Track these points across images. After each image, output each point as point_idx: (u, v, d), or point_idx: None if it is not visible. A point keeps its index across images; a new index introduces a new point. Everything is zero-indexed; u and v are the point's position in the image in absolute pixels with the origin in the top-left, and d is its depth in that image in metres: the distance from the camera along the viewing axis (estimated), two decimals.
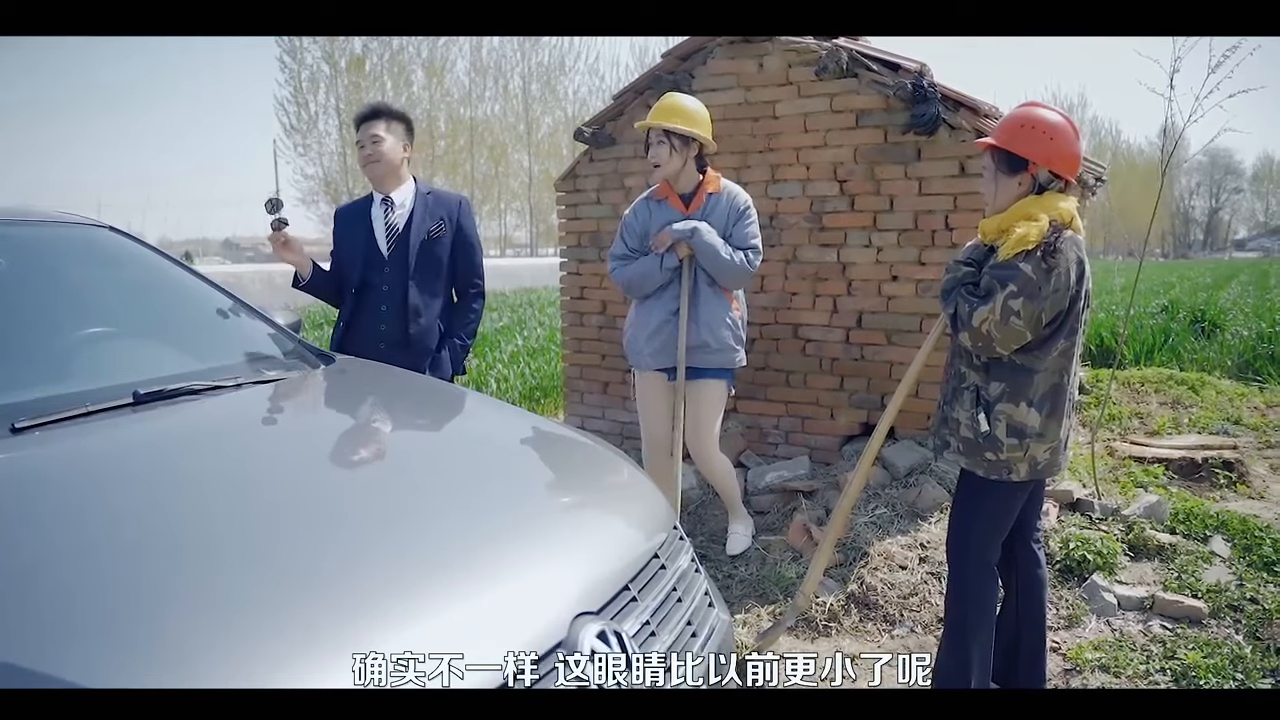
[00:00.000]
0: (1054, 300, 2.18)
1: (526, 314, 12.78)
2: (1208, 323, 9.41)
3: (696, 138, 3.25)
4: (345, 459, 1.85)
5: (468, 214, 3.27)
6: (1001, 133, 2.32)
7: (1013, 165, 2.28)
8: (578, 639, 1.31)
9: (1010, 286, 2.17)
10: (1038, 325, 2.19)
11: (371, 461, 1.87)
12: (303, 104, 28.56)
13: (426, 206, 3.18)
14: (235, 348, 2.33)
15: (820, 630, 3.05)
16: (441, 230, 3.17)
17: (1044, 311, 2.18)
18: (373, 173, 3.17)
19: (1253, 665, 2.71)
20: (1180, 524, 3.63)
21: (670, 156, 3.25)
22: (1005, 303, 2.16)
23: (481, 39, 32.20)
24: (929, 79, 3.77)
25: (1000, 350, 2.23)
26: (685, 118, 3.25)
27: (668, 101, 3.32)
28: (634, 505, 1.84)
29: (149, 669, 1.03)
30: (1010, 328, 2.17)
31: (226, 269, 21.41)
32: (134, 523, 1.35)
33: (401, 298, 3.11)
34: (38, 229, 2.31)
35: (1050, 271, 2.16)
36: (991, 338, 2.20)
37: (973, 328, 2.22)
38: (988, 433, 2.27)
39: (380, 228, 3.17)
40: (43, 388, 1.82)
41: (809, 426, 4.28)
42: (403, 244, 3.14)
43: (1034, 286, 2.16)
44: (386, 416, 2.23)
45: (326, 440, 1.95)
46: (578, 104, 36.80)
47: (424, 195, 3.20)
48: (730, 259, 3.23)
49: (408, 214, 3.16)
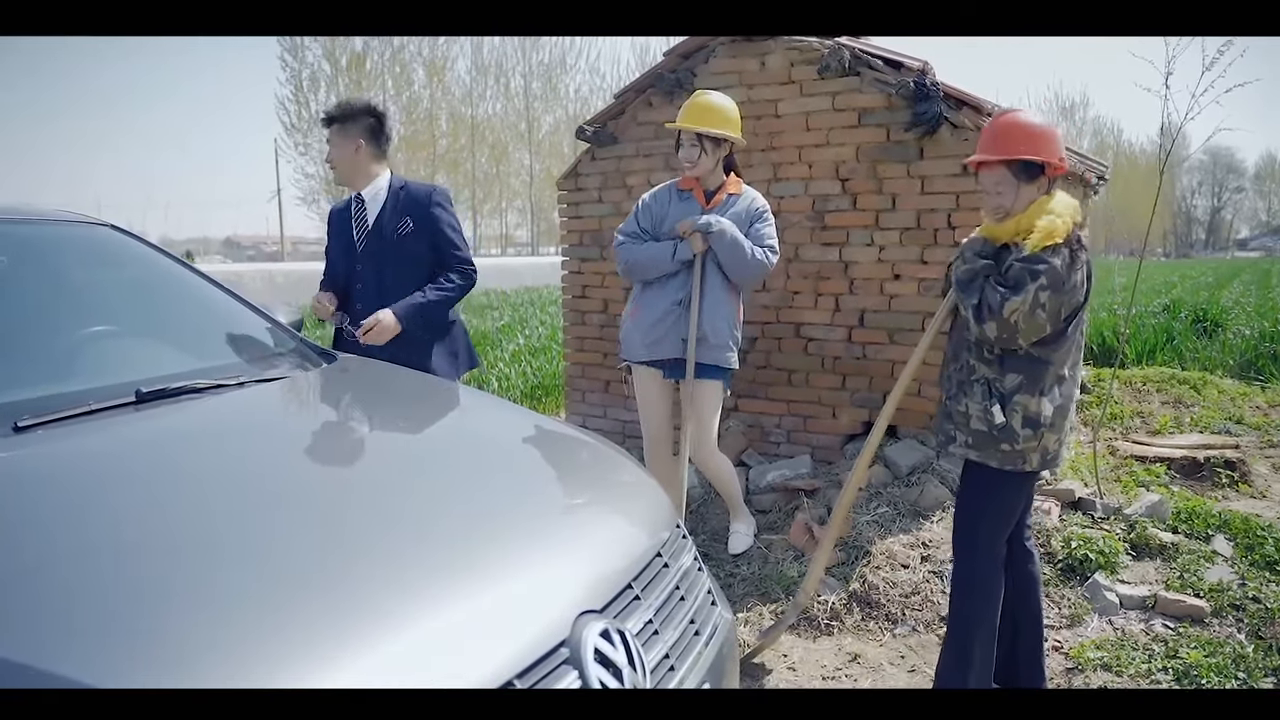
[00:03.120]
0: (1073, 295, 2.26)
1: (528, 312, 12.78)
2: (1210, 322, 9.40)
3: (729, 139, 3.25)
4: (347, 458, 1.85)
5: (441, 203, 3.23)
6: (1008, 145, 2.33)
7: (1030, 172, 2.33)
8: (581, 638, 1.30)
9: (1041, 279, 2.22)
10: (1058, 318, 2.26)
11: (373, 460, 1.86)
12: (303, 103, 28.62)
13: (397, 201, 3.19)
14: (237, 346, 2.33)
15: (822, 629, 3.05)
16: (407, 226, 3.16)
17: (1064, 305, 2.25)
18: (335, 178, 3.32)
19: (1255, 664, 2.70)
20: (1182, 523, 3.62)
21: (702, 159, 3.25)
22: (1036, 294, 2.22)
23: (482, 37, 32.19)
24: (931, 77, 3.76)
25: (1022, 342, 2.27)
26: (717, 119, 3.24)
27: (700, 101, 3.29)
28: (636, 504, 1.83)
29: (149, 668, 1.03)
30: (1035, 319, 2.23)
31: (227, 268, 21.43)
32: (136, 521, 1.35)
33: (376, 293, 3.13)
34: (39, 228, 2.31)
35: (1074, 266, 2.24)
36: (1018, 329, 2.25)
37: (1002, 318, 2.25)
38: (1004, 424, 2.32)
39: (354, 225, 3.24)
40: (45, 386, 1.81)
41: (811, 425, 4.28)
42: (376, 240, 3.18)
43: (1060, 280, 2.22)
44: (388, 415, 2.23)
45: (328, 439, 1.95)
46: (579, 102, 36.82)
47: (396, 190, 3.22)
48: (750, 253, 3.23)
49: (378, 210, 3.20)
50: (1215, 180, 70.29)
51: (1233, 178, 70.82)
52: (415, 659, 1.14)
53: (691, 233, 3.23)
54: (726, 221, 3.23)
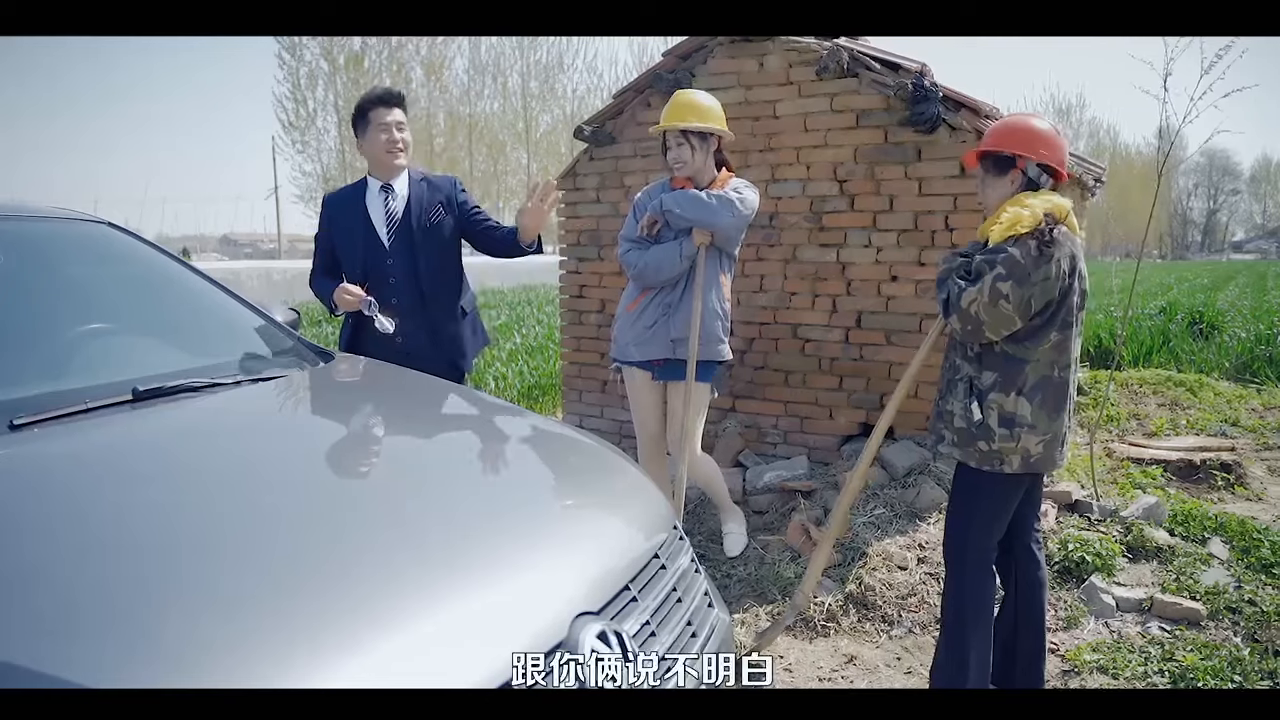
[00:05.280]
0: (1044, 288, 2.21)
1: (525, 312, 12.77)
2: (1206, 324, 9.42)
3: (714, 132, 3.25)
4: (344, 457, 1.84)
5: (463, 188, 3.27)
6: (987, 138, 2.40)
7: (1000, 165, 2.33)
8: (578, 639, 1.30)
9: (999, 269, 2.20)
10: (1026, 311, 2.21)
11: (370, 460, 1.86)
12: (301, 101, 28.55)
13: (423, 192, 3.15)
14: (234, 345, 2.32)
15: (818, 630, 3.06)
16: (440, 214, 3.14)
17: (1033, 297, 2.20)
18: (399, 161, 3.11)
19: (1251, 667, 2.71)
20: (1178, 525, 3.63)
21: (692, 156, 3.24)
22: (994, 285, 2.19)
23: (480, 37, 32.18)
24: (929, 79, 3.77)
25: (990, 335, 2.25)
26: (701, 114, 3.22)
27: (681, 100, 3.28)
28: (634, 505, 1.83)
29: (148, 668, 1.02)
30: (999, 310, 2.20)
31: (224, 265, 21.39)
32: (133, 520, 1.35)
33: (414, 287, 3.08)
34: (35, 225, 2.30)
35: (1041, 258, 2.19)
36: (980, 320, 2.22)
37: (961, 309, 2.25)
38: (980, 421, 2.30)
39: (380, 216, 3.12)
40: (41, 384, 1.81)
41: (808, 426, 4.28)
42: (405, 231, 3.10)
43: (1023, 270, 2.18)
44: (386, 415, 2.23)
45: (326, 438, 1.95)
46: (576, 102, 36.77)
47: (418, 181, 3.18)
48: (710, 199, 3.20)
49: (405, 201, 3.13)
50: (1211, 183, 70.47)
51: (1228, 180, 70.99)
52: (413, 660, 1.14)
53: (656, 225, 3.25)
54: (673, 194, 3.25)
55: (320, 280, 3.18)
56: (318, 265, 3.25)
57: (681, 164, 3.24)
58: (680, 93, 3.35)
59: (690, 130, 3.19)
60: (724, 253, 3.34)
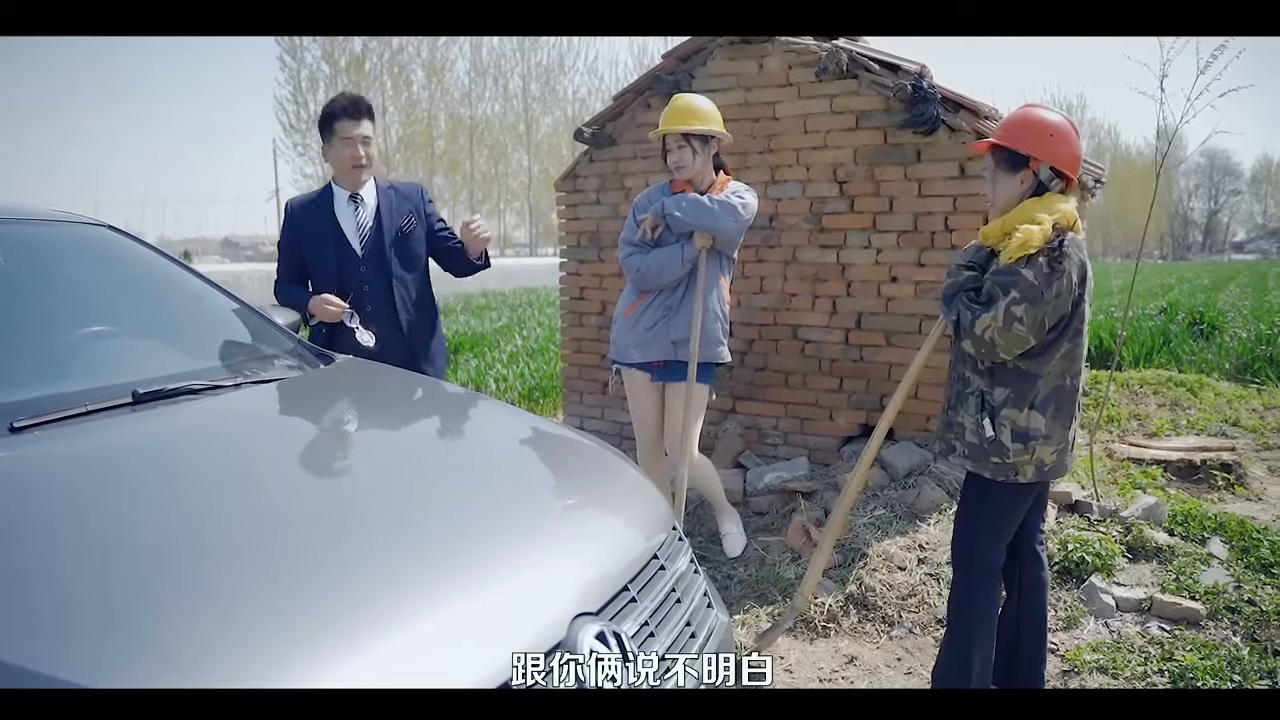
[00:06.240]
0: (1057, 305, 2.18)
1: (525, 314, 12.77)
2: (1206, 325, 9.42)
3: (714, 135, 3.26)
4: (345, 459, 1.85)
5: (430, 199, 3.29)
6: (1002, 131, 2.33)
7: (1013, 163, 2.28)
8: (577, 640, 1.31)
9: (1013, 293, 2.17)
10: (1041, 330, 2.19)
11: (370, 461, 1.86)
12: (302, 103, 28.63)
13: (392, 201, 3.14)
14: (234, 347, 2.33)
15: (819, 631, 3.06)
16: (412, 224, 3.15)
17: (1047, 316, 2.18)
18: (362, 177, 3.10)
19: (1250, 667, 2.71)
20: (1178, 526, 3.63)
21: (694, 159, 3.25)
22: (1008, 309, 2.16)
23: (481, 38, 32.20)
24: (929, 80, 3.77)
25: (1004, 355, 2.23)
26: (700, 117, 3.24)
27: (681, 103, 3.29)
28: (633, 506, 1.83)
29: (145, 668, 1.03)
30: (1013, 334, 2.18)
31: (225, 268, 21.41)
32: (133, 522, 1.35)
33: (387, 295, 3.09)
34: (36, 228, 2.31)
35: (1053, 276, 2.16)
36: (995, 344, 2.20)
37: (975, 335, 2.22)
38: (993, 438, 2.27)
39: (350, 226, 3.09)
40: (42, 387, 1.81)
41: (808, 427, 4.28)
42: (377, 241, 3.09)
43: (1036, 291, 2.16)
44: (386, 416, 2.23)
45: (326, 440, 1.95)
46: (577, 104, 36.84)
47: (386, 190, 3.16)
48: (713, 204, 3.22)
49: (374, 210, 3.11)
50: (1212, 183, 70.39)
51: (1229, 180, 70.94)
52: (412, 660, 1.14)
53: (658, 229, 3.26)
54: (675, 198, 3.26)
55: (288, 289, 3.13)
56: (284, 273, 3.19)
57: (683, 167, 3.25)
58: (679, 96, 3.36)
59: (692, 134, 3.21)
60: (724, 255, 3.35)
